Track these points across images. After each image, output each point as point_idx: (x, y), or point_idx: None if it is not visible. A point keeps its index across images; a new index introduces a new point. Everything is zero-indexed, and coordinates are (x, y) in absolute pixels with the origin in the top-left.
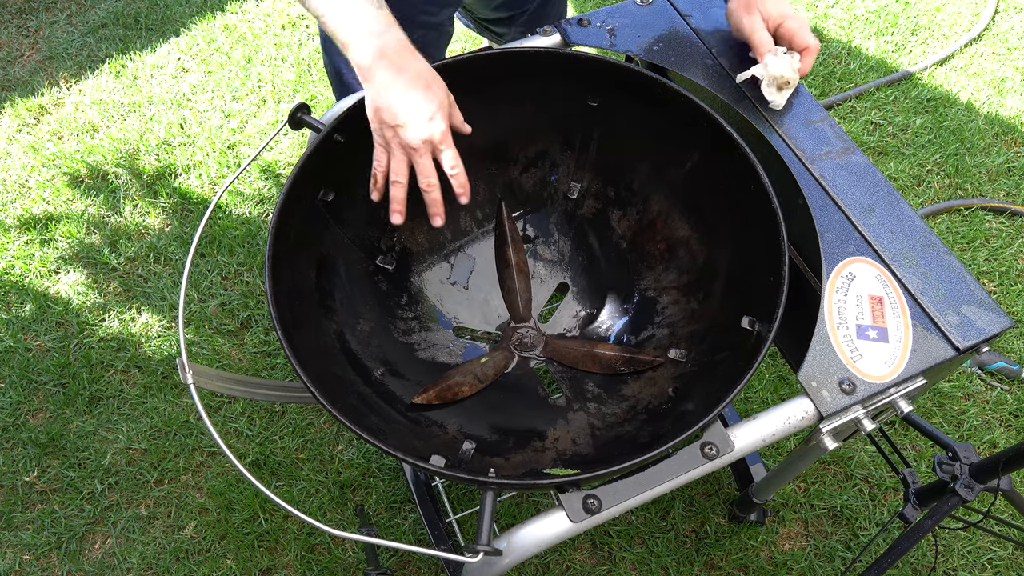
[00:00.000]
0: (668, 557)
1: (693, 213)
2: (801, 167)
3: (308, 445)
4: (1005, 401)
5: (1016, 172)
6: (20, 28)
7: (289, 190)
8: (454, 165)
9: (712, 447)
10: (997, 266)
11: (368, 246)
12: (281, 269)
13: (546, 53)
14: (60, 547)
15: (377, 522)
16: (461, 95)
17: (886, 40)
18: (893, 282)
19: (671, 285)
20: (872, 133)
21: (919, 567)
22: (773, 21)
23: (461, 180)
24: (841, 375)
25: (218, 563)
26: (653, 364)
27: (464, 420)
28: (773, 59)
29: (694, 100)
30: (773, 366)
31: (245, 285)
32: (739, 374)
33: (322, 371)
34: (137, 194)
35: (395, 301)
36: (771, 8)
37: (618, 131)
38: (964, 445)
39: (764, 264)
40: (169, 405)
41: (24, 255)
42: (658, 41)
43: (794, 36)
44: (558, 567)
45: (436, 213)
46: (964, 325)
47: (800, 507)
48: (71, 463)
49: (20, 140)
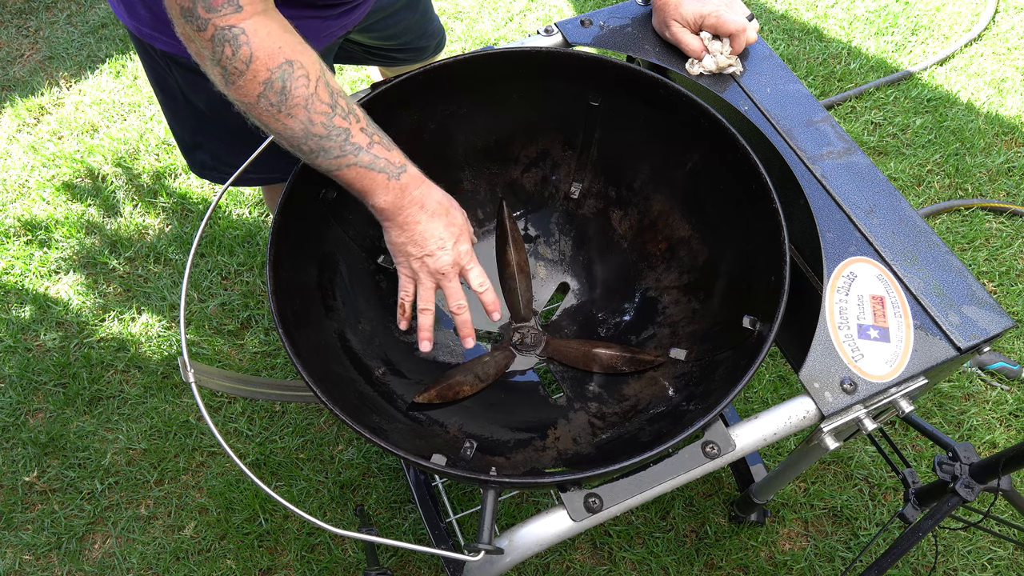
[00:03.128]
0: (668, 557)
1: (694, 213)
2: (802, 167)
3: (308, 445)
4: (1005, 401)
5: (1016, 172)
6: (20, 28)
7: (290, 189)
8: (482, 283)
9: (713, 446)
10: (997, 266)
11: (369, 245)
12: (282, 268)
13: (547, 53)
14: (60, 547)
15: (377, 522)
16: (462, 95)
17: (886, 40)
18: (894, 282)
19: (672, 285)
20: (872, 133)
21: (919, 567)
22: (694, 23)
23: (490, 297)
24: (842, 375)
25: (218, 563)
26: (654, 364)
27: (465, 419)
28: (708, 57)
29: (695, 100)
30: (773, 366)
31: (245, 285)
32: (740, 374)
33: (323, 370)
34: (137, 194)
35: (396, 300)
36: (686, 12)
37: (619, 131)
38: (964, 445)
39: (765, 264)
40: (169, 405)
41: (24, 255)
42: (659, 41)
43: (717, 28)
44: (558, 567)
45: (468, 335)
46: (965, 325)
47: (800, 507)
48: (71, 463)
49: (20, 140)
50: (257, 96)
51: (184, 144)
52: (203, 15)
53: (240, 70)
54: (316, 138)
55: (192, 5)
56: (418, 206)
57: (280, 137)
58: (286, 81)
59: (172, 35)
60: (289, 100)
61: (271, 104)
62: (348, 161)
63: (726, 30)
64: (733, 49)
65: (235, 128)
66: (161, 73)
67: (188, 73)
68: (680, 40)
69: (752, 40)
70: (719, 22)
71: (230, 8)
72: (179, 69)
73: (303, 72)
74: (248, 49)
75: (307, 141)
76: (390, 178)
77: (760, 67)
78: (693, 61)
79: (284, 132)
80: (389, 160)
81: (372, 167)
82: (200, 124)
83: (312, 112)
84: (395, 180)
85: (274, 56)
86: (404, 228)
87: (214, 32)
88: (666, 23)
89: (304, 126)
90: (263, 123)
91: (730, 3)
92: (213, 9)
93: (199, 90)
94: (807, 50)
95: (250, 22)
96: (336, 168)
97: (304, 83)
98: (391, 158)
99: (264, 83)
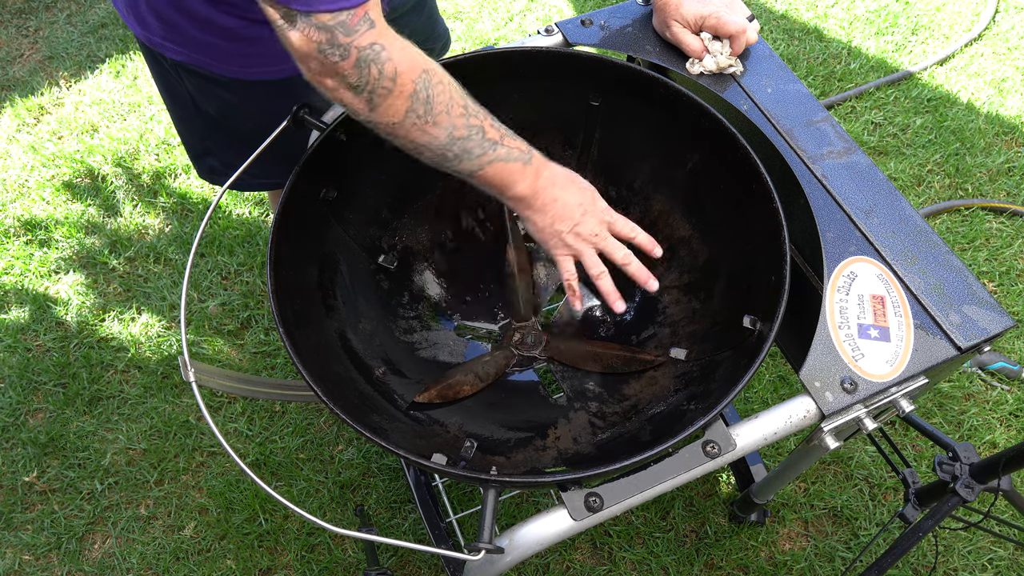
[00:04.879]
0: (668, 557)
1: (694, 213)
2: (803, 167)
3: (308, 445)
4: (1005, 401)
5: (1016, 172)
6: (20, 28)
7: (291, 188)
8: (632, 228)
9: (714, 445)
10: (997, 266)
11: (370, 245)
12: (283, 268)
13: (548, 53)
14: (60, 547)
15: (377, 522)
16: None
17: (886, 40)
18: (895, 281)
19: (672, 285)
20: (872, 133)
21: (919, 567)
22: (695, 24)
23: (644, 238)
24: (843, 374)
25: (218, 563)
26: (654, 363)
27: (465, 419)
28: (708, 57)
29: (696, 100)
30: (773, 366)
31: (245, 285)
32: (740, 373)
33: (324, 370)
34: (137, 194)
35: (397, 300)
36: (687, 13)
37: (620, 131)
38: (964, 445)
39: (765, 263)
40: (169, 405)
41: (24, 255)
42: (659, 41)
43: (717, 30)
44: (558, 567)
45: (646, 278)
46: (966, 324)
47: (800, 507)
48: (71, 463)
49: (20, 140)
50: (405, 112)
51: (193, 150)
52: (343, 40)
53: (388, 88)
54: (460, 141)
55: (331, 36)
56: (551, 184)
57: (426, 149)
58: (428, 90)
59: (183, 43)
60: (434, 109)
61: (418, 117)
62: (489, 158)
63: (726, 31)
64: (733, 50)
65: (246, 134)
66: (171, 81)
67: (200, 80)
68: (680, 40)
69: (752, 41)
70: (719, 23)
71: (365, 26)
72: (190, 77)
73: (439, 79)
74: (393, 65)
75: (452, 147)
76: (525, 165)
77: (760, 67)
78: (693, 61)
79: (431, 143)
80: (520, 149)
81: (508, 159)
82: (210, 131)
83: (454, 116)
84: (529, 166)
85: (414, 67)
86: (545, 210)
87: (358, 56)
88: (667, 23)
89: (448, 132)
90: (409, 139)
91: (731, 4)
92: (352, 31)
93: (211, 97)
94: (807, 50)
95: (385, 38)
96: (479, 168)
97: (442, 89)
98: (520, 147)
99: (411, 96)
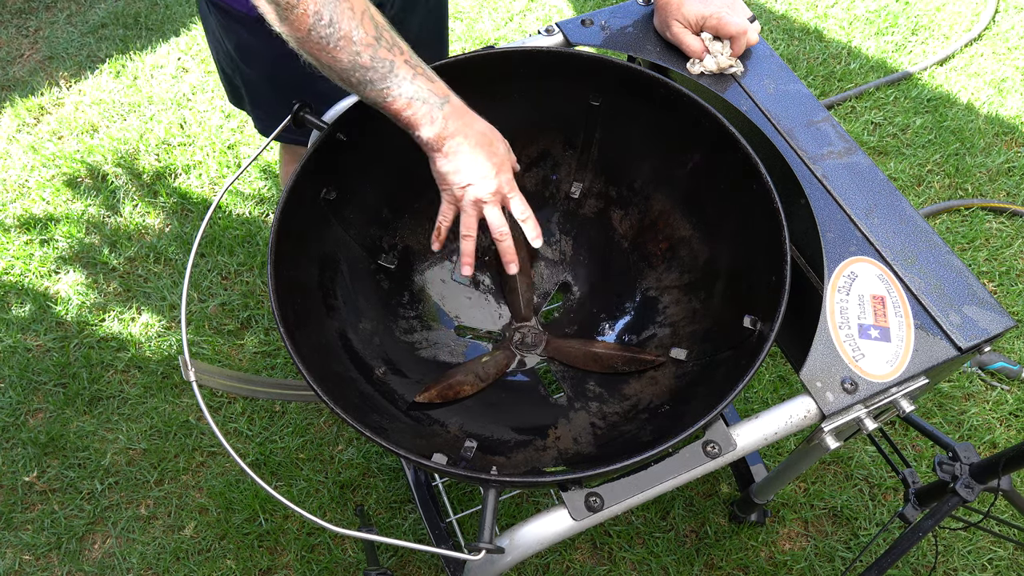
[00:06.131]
0: (668, 557)
1: (695, 213)
2: (803, 167)
3: (308, 445)
4: (1005, 401)
5: (1016, 172)
6: (20, 28)
7: (291, 188)
8: (523, 211)
9: (714, 445)
10: (997, 266)
11: (370, 245)
12: (283, 268)
13: (548, 53)
14: (60, 547)
15: (377, 522)
16: (462, 95)
17: (886, 40)
18: (895, 282)
19: (673, 284)
20: (872, 133)
21: (919, 567)
22: (696, 24)
23: (531, 225)
24: (843, 374)
25: (218, 563)
26: (655, 363)
27: (466, 419)
28: (709, 57)
29: (696, 100)
30: (773, 366)
31: (245, 285)
32: (741, 373)
33: (324, 369)
34: (137, 194)
35: (397, 300)
36: (688, 13)
37: (620, 131)
38: (964, 445)
39: (766, 264)
40: (169, 405)
41: (24, 255)
42: (660, 41)
43: (718, 30)
44: (558, 567)
45: (511, 260)
46: (966, 325)
47: (800, 507)
48: (71, 463)
49: (20, 140)
50: (307, 30)
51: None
52: None
53: (292, 4)
54: (363, 70)
55: None
56: (462, 136)
57: (331, 71)
58: (333, 14)
59: None
60: (336, 33)
61: (321, 37)
62: (393, 92)
63: (727, 32)
64: (734, 51)
65: (257, 81)
66: (203, 13)
67: (223, 16)
68: (681, 40)
69: (753, 42)
70: (720, 24)
71: None
72: (217, 12)
73: (348, 5)
74: None
75: (354, 73)
76: (435, 108)
77: (761, 67)
78: (694, 61)
79: (334, 65)
80: (433, 91)
81: (416, 97)
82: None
83: (359, 44)
84: (440, 110)
85: None
86: (449, 158)
87: None
88: (667, 23)
89: (351, 58)
90: (314, 57)
91: (732, 4)
92: None
93: (230, 33)
94: (807, 50)
95: None
96: (382, 99)
97: (349, 16)
98: (435, 89)
99: (313, 15)
